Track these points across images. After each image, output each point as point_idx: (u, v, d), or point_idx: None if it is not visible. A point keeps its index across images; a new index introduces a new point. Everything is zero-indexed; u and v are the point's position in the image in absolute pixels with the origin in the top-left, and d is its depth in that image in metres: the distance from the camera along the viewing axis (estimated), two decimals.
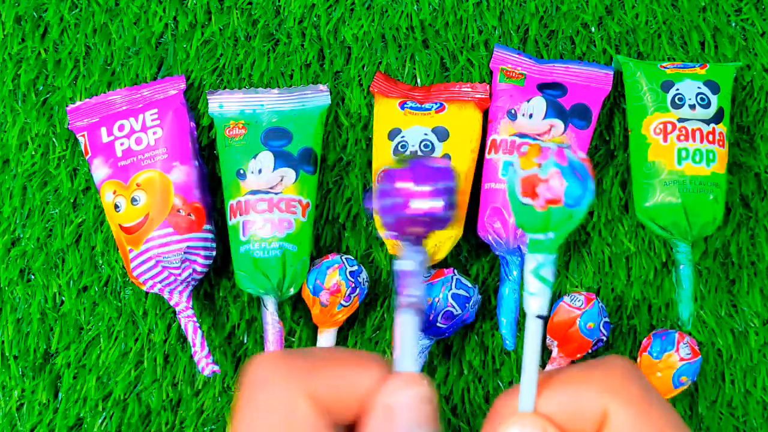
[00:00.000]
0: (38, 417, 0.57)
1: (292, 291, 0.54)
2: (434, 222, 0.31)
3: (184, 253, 0.53)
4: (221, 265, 0.58)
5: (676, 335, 0.53)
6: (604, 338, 0.54)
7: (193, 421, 0.57)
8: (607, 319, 0.54)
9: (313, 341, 0.57)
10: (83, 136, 0.56)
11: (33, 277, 0.58)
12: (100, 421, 0.57)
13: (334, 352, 0.32)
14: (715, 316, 0.57)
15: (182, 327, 0.54)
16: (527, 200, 0.31)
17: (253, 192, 0.54)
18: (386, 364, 0.31)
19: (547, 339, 0.55)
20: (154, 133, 0.55)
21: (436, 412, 0.30)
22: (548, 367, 0.54)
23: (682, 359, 0.53)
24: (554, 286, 0.57)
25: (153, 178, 0.54)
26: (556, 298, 0.57)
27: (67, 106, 0.58)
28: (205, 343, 0.53)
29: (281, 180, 0.54)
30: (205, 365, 0.53)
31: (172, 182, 0.54)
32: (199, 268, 0.54)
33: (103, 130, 0.56)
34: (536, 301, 0.39)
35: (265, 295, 0.54)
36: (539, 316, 0.41)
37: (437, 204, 0.31)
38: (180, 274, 0.53)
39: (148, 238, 0.53)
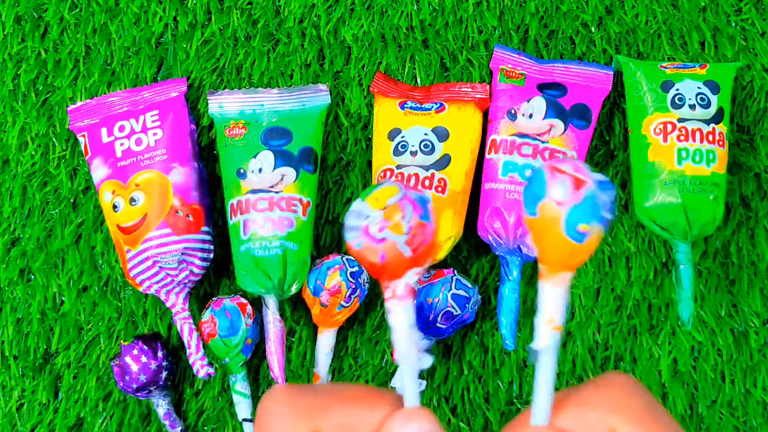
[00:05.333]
0: (38, 417, 0.57)
1: (293, 290, 0.54)
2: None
3: (182, 254, 0.53)
4: (221, 264, 0.58)
5: (544, 172, 0.32)
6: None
7: (193, 421, 0.57)
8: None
9: (313, 341, 0.57)
10: (83, 136, 0.56)
11: (33, 277, 0.58)
12: (100, 421, 0.57)
13: (346, 390, 0.33)
14: (715, 316, 0.57)
15: (178, 329, 0.54)
16: None
17: (254, 191, 0.54)
18: (397, 401, 0.31)
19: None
20: (155, 134, 0.55)
21: None
22: None
23: (563, 202, 0.34)
24: None
25: (152, 179, 0.54)
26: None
27: (67, 106, 0.58)
28: (201, 346, 0.53)
29: (282, 179, 0.54)
30: (200, 367, 0.53)
31: (171, 183, 0.54)
32: (196, 270, 0.54)
33: (104, 131, 0.56)
34: (240, 406, 0.53)
35: (266, 294, 0.54)
36: (245, 419, 0.52)
37: None
38: (177, 276, 0.53)
39: (145, 239, 0.53)
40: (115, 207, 0.54)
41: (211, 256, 0.55)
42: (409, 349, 0.31)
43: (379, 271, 0.31)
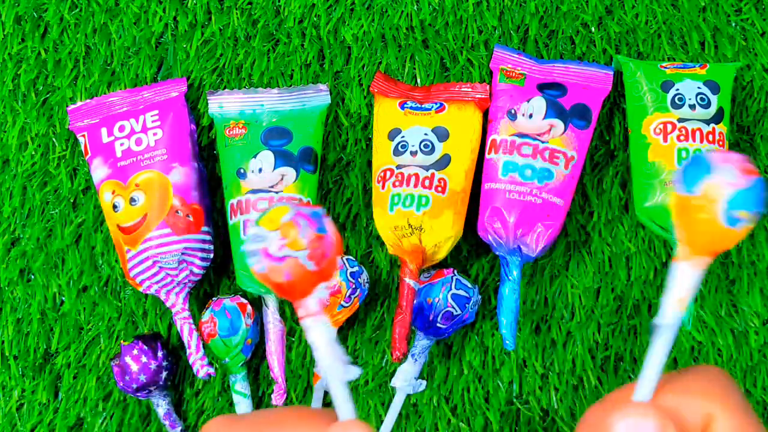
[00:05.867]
0: (38, 417, 0.57)
1: None
2: None
3: (182, 254, 0.53)
4: (221, 264, 0.58)
5: (711, 155, 0.33)
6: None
7: (193, 421, 0.57)
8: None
9: None
10: (83, 136, 0.56)
11: (33, 277, 0.58)
12: (100, 421, 0.57)
13: (279, 413, 0.33)
14: (715, 316, 0.57)
15: (178, 329, 0.54)
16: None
17: (254, 191, 0.54)
18: (332, 417, 0.31)
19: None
20: (155, 134, 0.55)
21: None
22: None
23: (730, 184, 0.33)
24: (548, 289, 0.57)
25: (152, 179, 0.54)
26: (557, 297, 0.58)
27: (67, 106, 0.58)
28: (201, 346, 0.53)
29: (282, 179, 0.54)
30: (200, 367, 0.53)
31: (171, 183, 0.54)
32: (196, 270, 0.54)
33: (104, 131, 0.56)
34: (240, 406, 0.53)
35: (266, 294, 0.54)
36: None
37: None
38: (177, 276, 0.53)
39: (145, 239, 0.53)
40: (115, 207, 0.54)
41: (211, 256, 0.55)
42: (333, 365, 0.31)
43: (288, 291, 0.31)
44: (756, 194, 0.31)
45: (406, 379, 0.54)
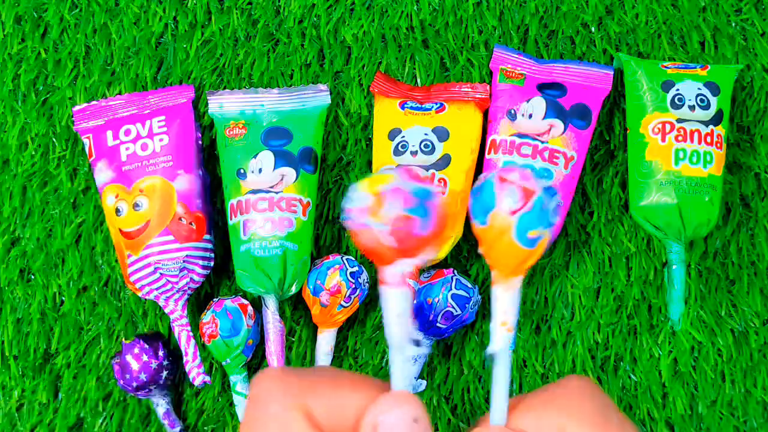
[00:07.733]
0: (38, 417, 0.57)
1: (293, 290, 0.54)
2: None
3: (183, 261, 0.53)
4: (222, 264, 0.58)
5: (493, 184, 0.35)
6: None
7: (193, 421, 0.57)
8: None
9: (313, 341, 0.57)
10: (88, 138, 0.56)
11: (33, 277, 0.58)
12: (100, 421, 0.57)
13: (336, 373, 0.33)
14: (715, 316, 0.57)
15: (176, 336, 0.54)
16: None
17: (254, 191, 0.54)
18: (385, 388, 0.32)
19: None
20: (161, 139, 0.55)
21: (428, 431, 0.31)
22: None
23: (513, 211, 0.35)
24: (552, 289, 0.58)
25: (156, 185, 0.54)
26: (557, 297, 0.58)
27: (66, 106, 0.58)
28: (198, 353, 0.53)
29: (282, 179, 0.54)
30: (196, 375, 0.53)
31: (175, 190, 0.54)
32: (196, 278, 0.54)
33: (109, 134, 0.56)
34: (241, 407, 0.54)
35: (265, 294, 0.54)
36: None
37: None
38: (177, 283, 0.53)
39: (147, 245, 0.53)
40: (118, 211, 0.54)
41: (212, 264, 0.55)
42: (396, 335, 0.31)
43: (368, 255, 0.32)
44: (539, 213, 0.32)
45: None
